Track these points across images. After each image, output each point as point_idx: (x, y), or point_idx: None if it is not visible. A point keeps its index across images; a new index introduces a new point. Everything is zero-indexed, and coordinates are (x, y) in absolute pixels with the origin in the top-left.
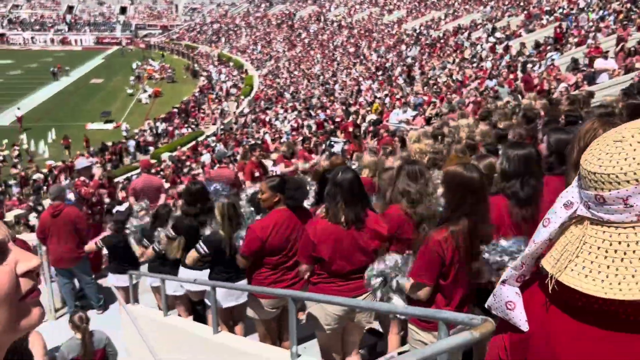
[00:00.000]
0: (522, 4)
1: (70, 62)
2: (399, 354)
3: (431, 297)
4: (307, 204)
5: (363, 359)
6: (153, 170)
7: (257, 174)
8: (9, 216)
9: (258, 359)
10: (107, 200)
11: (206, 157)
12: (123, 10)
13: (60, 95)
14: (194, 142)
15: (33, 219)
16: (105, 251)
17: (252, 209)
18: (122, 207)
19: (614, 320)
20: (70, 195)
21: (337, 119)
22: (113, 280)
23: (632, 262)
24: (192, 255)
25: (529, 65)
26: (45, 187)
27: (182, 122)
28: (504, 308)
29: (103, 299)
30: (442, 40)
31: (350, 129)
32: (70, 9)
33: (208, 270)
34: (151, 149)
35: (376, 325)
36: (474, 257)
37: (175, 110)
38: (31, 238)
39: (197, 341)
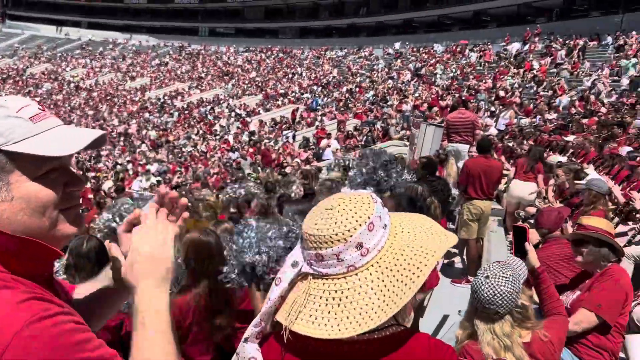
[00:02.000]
0: (260, 84)
1: None
2: None
3: None
4: None
5: None
6: None
7: None
8: None
9: None
10: None
11: None
12: None
13: None
14: None
15: None
16: None
17: None
18: None
19: None
20: None
21: None
22: None
23: (346, 306)
24: None
25: (265, 141)
26: None
27: None
28: None
29: None
30: (186, 112)
31: (90, 196)
32: None
33: None
34: None
35: None
36: (216, 314)
37: None
38: None
39: None
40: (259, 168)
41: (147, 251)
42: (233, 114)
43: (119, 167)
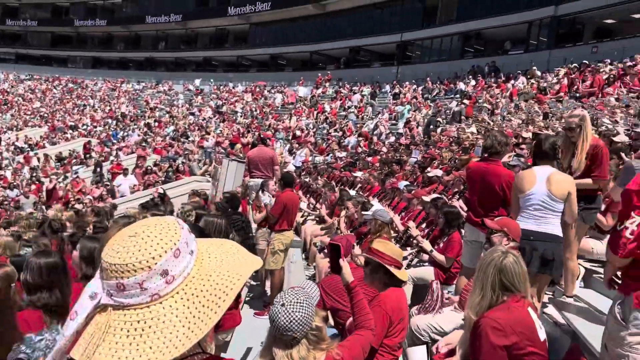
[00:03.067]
0: (45, 116)
1: None
2: None
3: None
4: None
5: None
6: None
7: None
8: None
9: None
10: None
11: None
12: None
13: None
14: None
15: None
16: None
17: None
18: None
19: None
20: None
21: None
22: None
23: (149, 336)
24: None
25: (54, 177)
26: None
27: None
28: None
29: None
30: None
31: None
32: None
33: None
34: None
35: None
36: None
37: None
38: None
39: None
40: (44, 207)
41: None
42: (12, 147)
43: None
